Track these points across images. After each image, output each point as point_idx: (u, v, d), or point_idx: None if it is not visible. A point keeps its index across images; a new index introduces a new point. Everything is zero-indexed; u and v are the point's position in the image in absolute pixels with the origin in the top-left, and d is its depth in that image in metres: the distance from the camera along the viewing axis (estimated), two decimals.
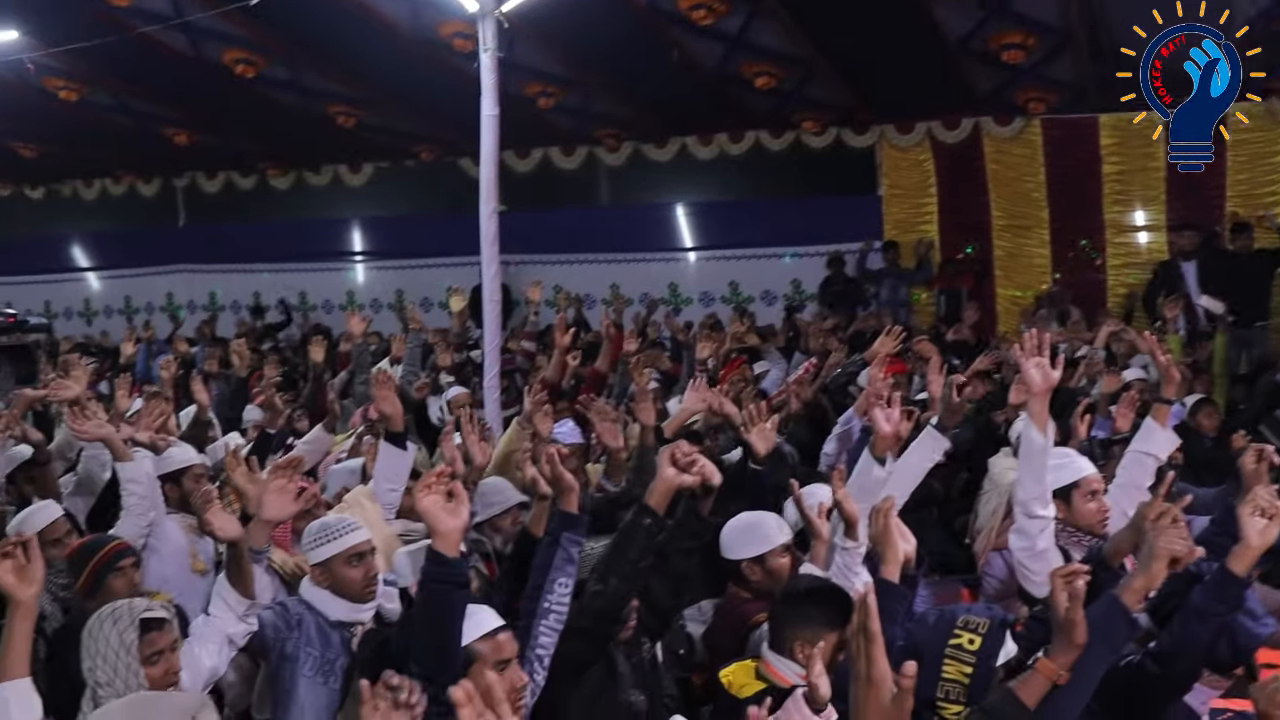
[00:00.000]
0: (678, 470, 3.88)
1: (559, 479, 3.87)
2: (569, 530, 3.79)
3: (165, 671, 3.44)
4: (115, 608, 3.53)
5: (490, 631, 3.34)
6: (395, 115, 14.11)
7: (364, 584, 4.13)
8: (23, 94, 12.95)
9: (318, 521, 4.30)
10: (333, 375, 10.28)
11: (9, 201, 18.24)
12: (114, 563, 4.35)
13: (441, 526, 3.23)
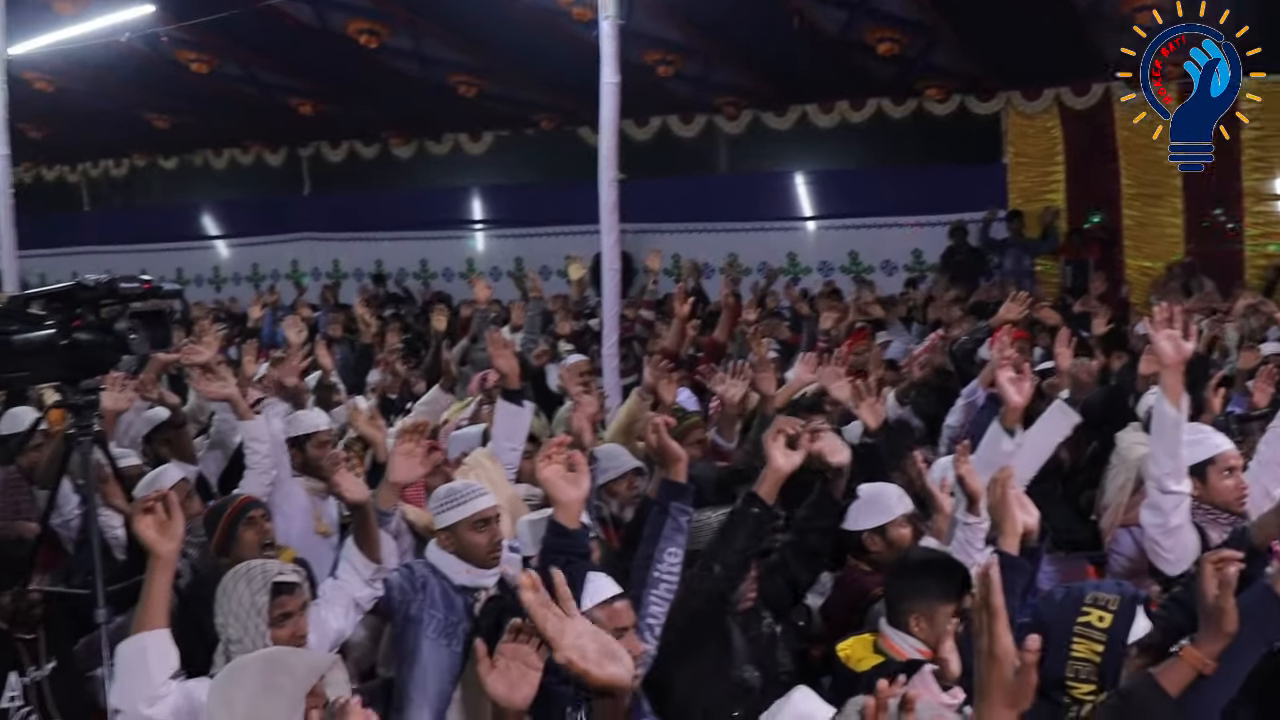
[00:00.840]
0: (787, 456, 3.85)
1: (665, 448, 3.86)
2: (677, 500, 3.78)
3: (292, 634, 3.50)
4: (250, 567, 3.60)
5: (607, 599, 3.34)
6: (515, 84, 14.17)
7: (489, 550, 4.17)
8: (157, 67, 13.28)
9: (445, 486, 4.34)
10: (453, 343, 10.41)
11: (144, 171, 18.75)
12: (244, 513, 4.48)
13: (563, 497, 3.23)
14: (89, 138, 17.60)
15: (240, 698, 2.74)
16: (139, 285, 3.75)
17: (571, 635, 2.31)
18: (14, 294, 4.23)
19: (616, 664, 2.29)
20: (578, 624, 2.33)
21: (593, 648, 2.30)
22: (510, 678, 2.84)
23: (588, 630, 2.34)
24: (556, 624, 2.31)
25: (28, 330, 3.66)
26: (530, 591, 2.28)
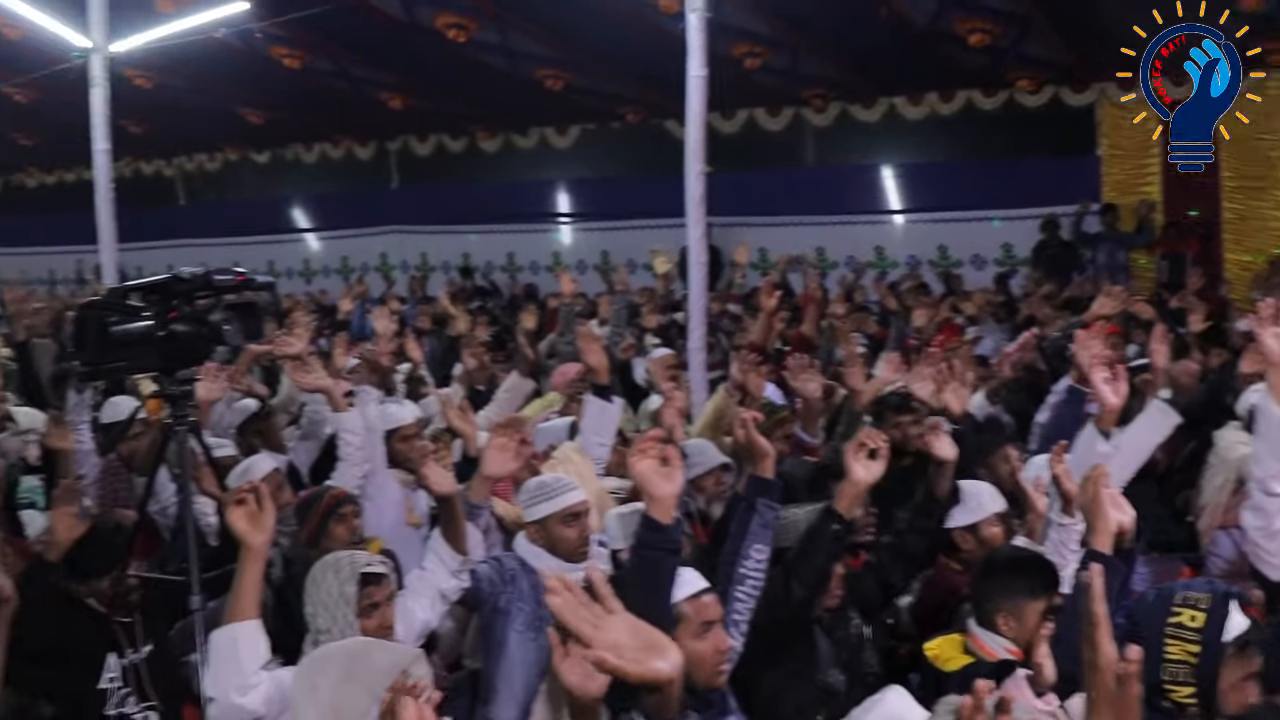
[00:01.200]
0: (867, 468, 3.81)
1: (753, 444, 3.83)
2: (764, 496, 3.75)
3: (380, 624, 3.54)
4: (338, 558, 3.64)
5: (696, 593, 3.32)
6: (602, 78, 14.20)
7: (578, 544, 4.18)
8: (251, 63, 13.51)
9: (535, 479, 4.36)
10: (540, 337, 10.47)
11: (236, 165, 19.09)
12: (336, 509, 4.52)
13: (657, 491, 3.21)
14: (185, 133, 17.97)
15: (324, 685, 2.77)
16: (233, 278, 3.81)
17: (605, 632, 2.27)
18: (113, 286, 4.31)
19: (660, 658, 2.24)
20: (616, 621, 2.30)
21: (630, 644, 2.23)
22: (585, 667, 2.84)
23: (627, 626, 2.27)
24: (589, 623, 2.29)
25: (126, 321, 3.74)
26: (556, 595, 2.25)
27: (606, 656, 2.21)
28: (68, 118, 13.14)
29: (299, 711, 2.79)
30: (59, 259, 20.05)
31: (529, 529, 4.24)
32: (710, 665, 3.20)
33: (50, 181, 20.49)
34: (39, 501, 7.04)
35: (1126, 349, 7.80)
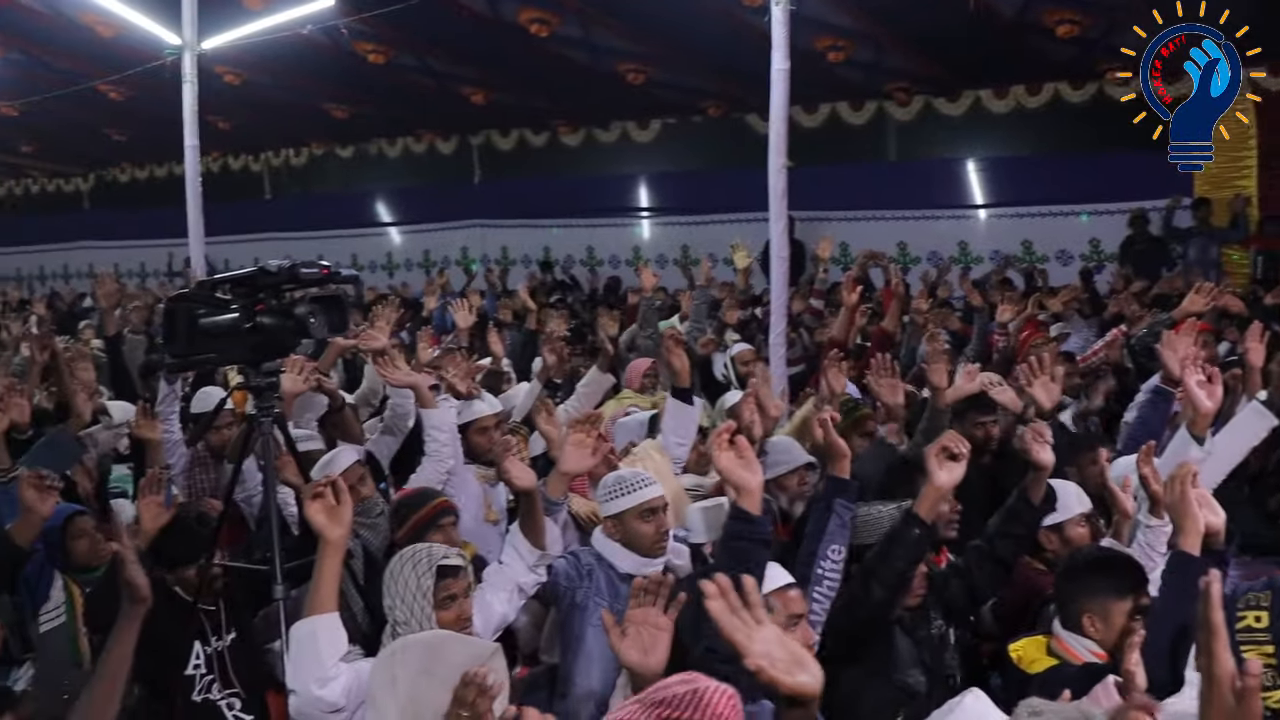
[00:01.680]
0: (949, 471, 3.77)
1: (831, 444, 3.79)
2: (841, 496, 3.72)
3: (457, 616, 3.55)
4: (415, 550, 3.65)
5: (781, 586, 3.31)
6: (683, 71, 14.17)
7: (655, 539, 4.17)
8: (336, 58, 13.67)
9: (613, 474, 4.35)
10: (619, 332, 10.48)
11: (321, 160, 19.34)
12: (436, 519, 4.51)
13: (745, 483, 3.20)
14: (271, 128, 18.23)
15: (403, 678, 2.80)
16: (318, 270, 3.84)
17: (760, 642, 2.26)
18: (202, 279, 4.37)
19: (805, 672, 2.24)
20: (767, 630, 2.30)
21: (781, 655, 2.25)
22: (642, 643, 2.85)
23: (776, 636, 2.29)
24: (745, 631, 2.28)
25: (215, 314, 3.78)
26: (717, 599, 2.24)
27: (764, 665, 2.23)
28: (158, 114, 13.43)
29: (378, 704, 2.81)
30: (149, 252, 20.47)
31: (606, 524, 4.24)
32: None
33: (141, 176, 20.91)
34: (129, 490, 7.21)
35: (1218, 347, 7.63)
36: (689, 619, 2.95)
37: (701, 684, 2.35)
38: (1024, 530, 4.23)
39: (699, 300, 9.44)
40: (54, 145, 19.94)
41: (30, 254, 22.63)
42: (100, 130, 18.36)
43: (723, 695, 2.35)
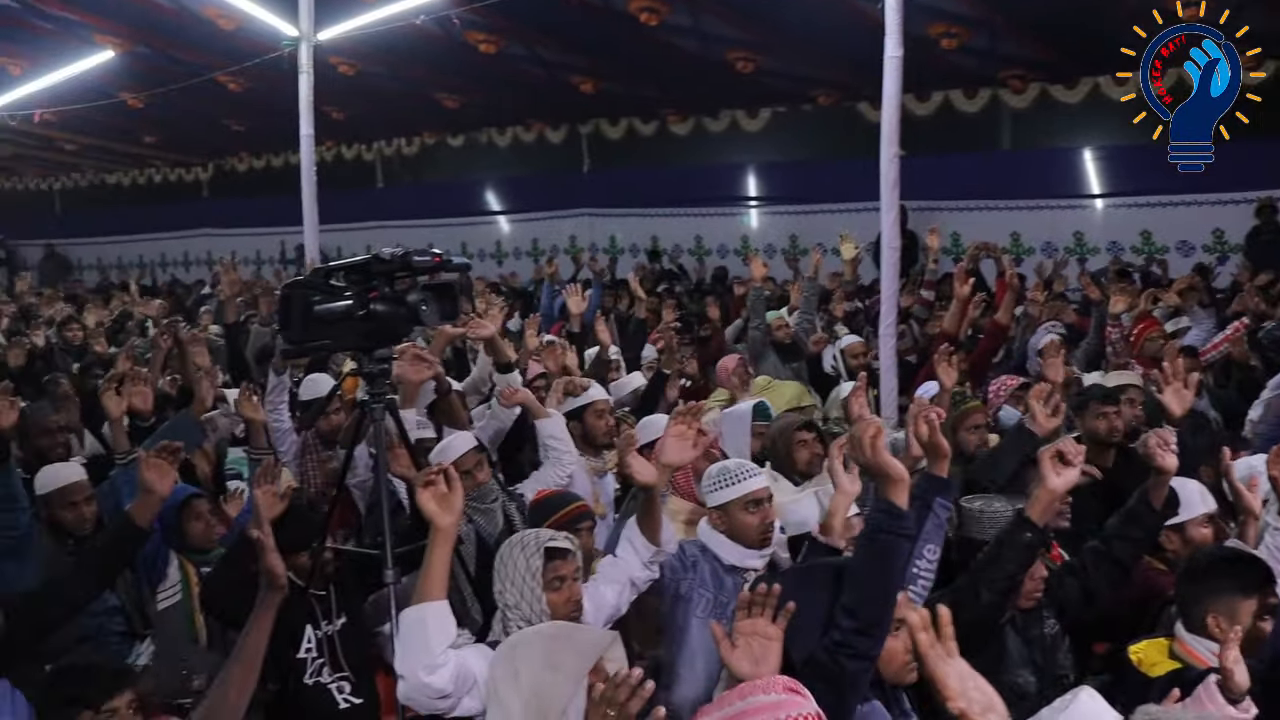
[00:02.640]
0: (1062, 475, 3.72)
1: (934, 442, 3.72)
2: (940, 495, 3.66)
3: (567, 599, 3.56)
4: (524, 536, 3.68)
5: None
6: (794, 60, 14.05)
7: (761, 530, 4.15)
8: (448, 48, 13.79)
9: (718, 465, 4.34)
10: (725, 322, 10.44)
11: (433, 149, 19.52)
12: (574, 523, 4.52)
13: (897, 474, 3.16)
14: (384, 118, 18.47)
15: (525, 671, 2.81)
16: (430, 258, 3.87)
17: (957, 679, 2.26)
18: (317, 266, 4.44)
19: (995, 713, 2.23)
20: (960, 665, 2.28)
21: (978, 696, 2.27)
22: (753, 653, 2.82)
23: (969, 673, 2.30)
24: (947, 669, 2.27)
25: (329, 300, 3.83)
26: (923, 632, 2.22)
27: (964, 707, 2.26)
28: (275, 104, 13.69)
29: (501, 698, 2.83)
30: (265, 240, 20.90)
31: (711, 515, 4.23)
32: (900, 661, 3.16)
33: (258, 166, 21.34)
34: (244, 472, 7.38)
35: None
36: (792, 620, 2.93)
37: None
38: (1143, 534, 4.13)
39: (809, 292, 9.36)
40: (176, 136, 20.43)
41: (152, 241, 23.27)
42: (219, 121, 18.77)
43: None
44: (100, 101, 16.53)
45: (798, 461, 5.45)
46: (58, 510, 5.21)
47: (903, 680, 3.18)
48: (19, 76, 16.13)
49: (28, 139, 19.72)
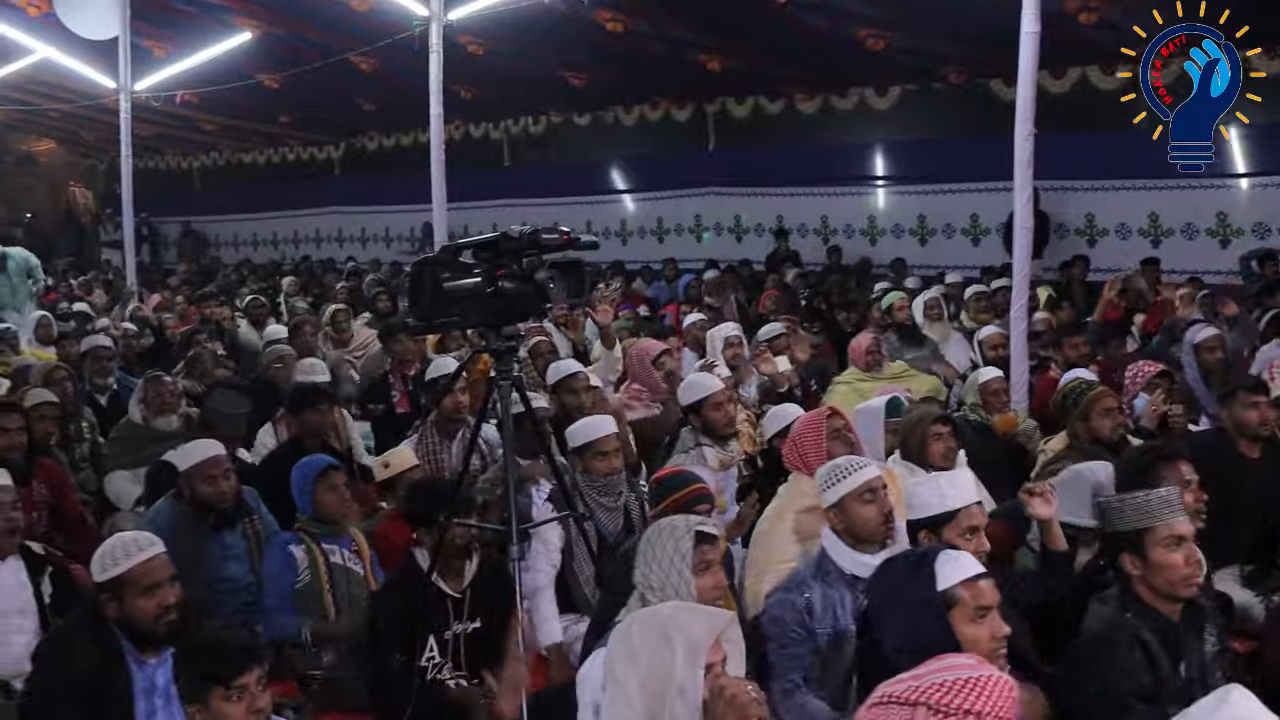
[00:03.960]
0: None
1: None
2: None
3: (714, 584, 3.58)
4: (673, 520, 3.71)
5: (972, 577, 3.21)
6: (925, 36, 13.78)
7: (879, 521, 4.12)
8: (577, 28, 13.83)
9: (827, 465, 4.32)
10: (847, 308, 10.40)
11: (560, 128, 19.58)
12: (691, 504, 4.59)
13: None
14: (511, 97, 18.57)
15: (642, 651, 2.81)
16: (559, 236, 3.87)
17: None
18: (445, 243, 4.48)
19: None
20: None
21: None
22: None
23: None
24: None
25: (458, 278, 3.86)
26: None
27: None
28: (405, 84, 13.88)
29: (619, 678, 2.83)
30: (394, 217, 21.25)
31: (829, 515, 4.18)
32: (985, 649, 3.11)
33: (388, 144, 21.64)
34: (369, 445, 7.58)
35: None
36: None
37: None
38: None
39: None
40: (308, 116, 20.83)
41: (285, 219, 23.83)
42: (351, 100, 19.08)
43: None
44: (238, 83, 16.95)
45: (932, 455, 5.35)
46: (198, 485, 5.37)
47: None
48: (162, 59, 16.61)
49: (169, 119, 20.27)
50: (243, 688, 3.26)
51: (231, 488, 5.46)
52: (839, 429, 5.19)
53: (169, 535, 4.95)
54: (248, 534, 5.53)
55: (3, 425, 6.00)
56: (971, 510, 3.96)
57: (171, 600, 3.92)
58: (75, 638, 3.97)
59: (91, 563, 4.02)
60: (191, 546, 5.24)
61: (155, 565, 3.93)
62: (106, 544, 4.01)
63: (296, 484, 5.24)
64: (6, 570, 4.73)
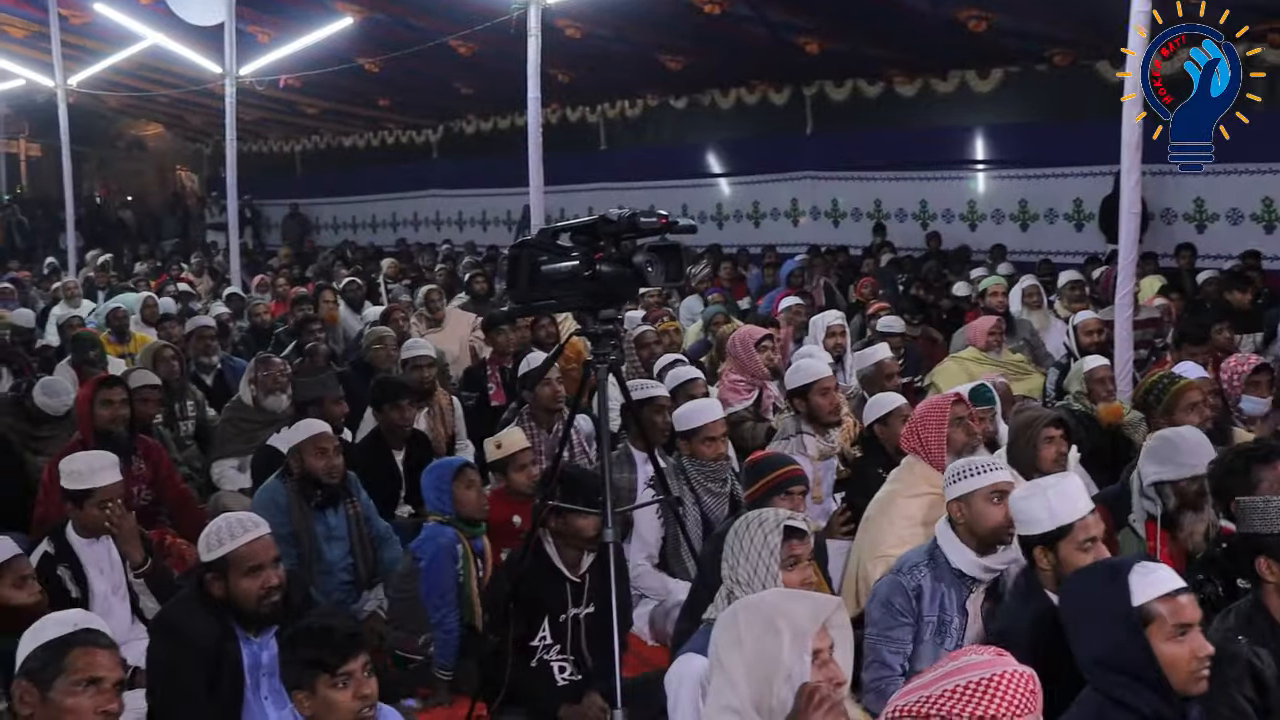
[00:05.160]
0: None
1: None
2: None
3: (802, 580, 3.57)
4: (762, 513, 3.69)
5: (1171, 592, 3.07)
6: (1029, 17, 13.50)
7: (1004, 524, 4.05)
8: (673, 10, 13.79)
9: (962, 460, 4.28)
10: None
11: (656, 111, 19.54)
12: (785, 485, 4.60)
13: None
14: (608, 80, 18.58)
15: (748, 635, 2.81)
16: (657, 220, 3.85)
17: None
18: (543, 227, 4.49)
19: None
20: None
21: None
22: None
23: None
24: None
25: (556, 260, 3.86)
26: None
27: None
28: (503, 68, 13.93)
29: (725, 664, 2.84)
30: (491, 200, 21.40)
31: (952, 508, 4.11)
32: (1186, 669, 2.99)
33: (485, 128, 21.78)
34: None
35: None
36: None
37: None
38: None
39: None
40: (407, 99, 21.06)
41: (384, 201, 24.12)
42: (449, 84, 19.24)
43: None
44: (339, 67, 17.17)
45: (1042, 459, 5.14)
46: (309, 458, 5.46)
47: (1191, 690, 3.00)
48: (266, 44, 16.88)
49: (273, 103, 20.64)
50: (349, 674, 3.30)
51: (340, 464, 5.55)
52: (963, 417, 5.12)
53: (276, 513, 5.07)
54: (349, 515, 5.63)
55: (106, 398, 6.17)
56: (1087, 521, 3.75)
57: (274, 582, 4.00)
58: (193, 611, 4.07)
59: (198, 541, 4.11)
60: (297, 524, 5.36)
61: (259, 547, 4.01)
62: (213, 524, 4.10)
63: (432, 483, 5.27)
64: (103, 548, 4.87)
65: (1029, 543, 3.80)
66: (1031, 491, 3.82)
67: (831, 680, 2.79)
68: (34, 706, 3.09)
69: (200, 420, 7.99)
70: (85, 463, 4.91)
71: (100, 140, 28.84)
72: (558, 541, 4.60)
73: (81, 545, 4.82)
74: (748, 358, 7.36)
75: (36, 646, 3.16)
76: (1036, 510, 3.75)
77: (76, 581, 4.75)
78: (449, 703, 4.88)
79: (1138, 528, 4.60)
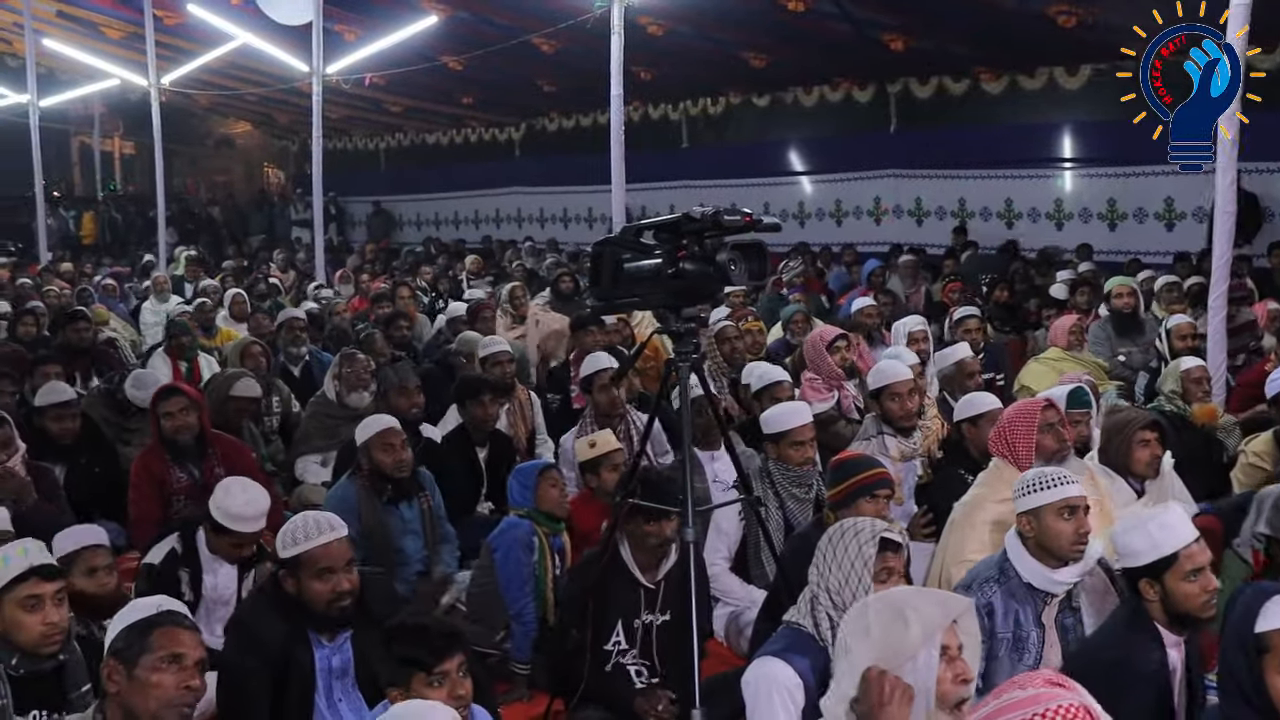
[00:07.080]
0: None
1: None
2: None
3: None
4: (859, 522, 3.66)
5: None
6: (1120, 12, 13.25)
7: (1074, 539, 3.97)
8: (755, 7, 13.73)
9: (1033, 471, 4.19)
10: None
11: (739, 109, 19.45)
12: (872, 488, 4.55)
13: None
14: (690, 78, 18.54)
15: (877, 625, 2.83)
16: (740, 218, 3.82)
17: None
18: (626, 224, 4.48)
19: None
20: None
21: None
22: None
23: None
24: None
25: (639, 258, 3.85)
26: None
27: None
28: (585, 66, 13.97)
29: (852, 652, 2.85)
30: (572, 198, 21.47)
31: (1020, 520, 4.05)
32: None
33: (568, 125, 21.85)
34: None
35: None
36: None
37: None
38: None
39: None
40: (490, 97, 21.19)
41: (466, 198, 24.31)
42: (532, 82, 19.32)
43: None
44: (424, 65, 17.33)
45: (1136, 462, 5.09)
46: (376, 453, 5.52)
47: None
48: (352, 43, 17.09)
49: (358, 101, 20.88)
50: (444, 674, 3.31)
51: (408, 458, 5.61)
52: (1053, 423, 5.04)
53: (350, 510, 5.12)
54: (422, 509, 5.69)
55: (167, 410, 6.08)
56: (1192, 550, 3.60)
57: (345, 586, 3.98)
58: (266, 611, 4.09)
59: (277, 538, 4.13)
60: (371, 519, 5.42)
61: (334, 549, 4.00)
62: (291, 521, 4.11)
63: (519, 480, 5.31)
64: (229, 570, 4.88)
65: (1134, 575, 3.67)
66: (1133, 524, 3.71)
67: (959, 677, 2.79)
68: (121, 684, 3.14)
69: (285, 414, 8.10)
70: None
71: (191, 138, 29.46)
72: (633, 544, 4.58)
73: (208, 556, 4.85)
74: (820, 359, 7.31)
75: (123, 628, 3.23)
76: (1138, 543, 3.62)
77: (192, 586, 4.79)
78: (528, 698, 4.89)
79: (1244, 553, 4.48)
